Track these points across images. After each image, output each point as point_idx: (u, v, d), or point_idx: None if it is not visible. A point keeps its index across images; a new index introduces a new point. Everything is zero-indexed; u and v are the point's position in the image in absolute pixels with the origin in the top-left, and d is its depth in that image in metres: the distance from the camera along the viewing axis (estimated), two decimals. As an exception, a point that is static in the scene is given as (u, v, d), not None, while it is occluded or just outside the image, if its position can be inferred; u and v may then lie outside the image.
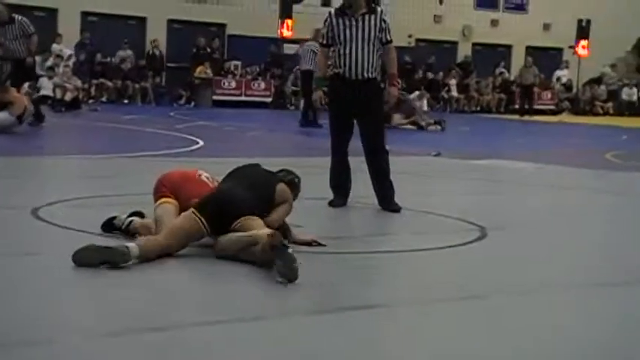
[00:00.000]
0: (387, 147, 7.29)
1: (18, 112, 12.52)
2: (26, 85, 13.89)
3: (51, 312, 3.84)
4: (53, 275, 4.50)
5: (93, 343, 3.44)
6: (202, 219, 4.92)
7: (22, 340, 3.41)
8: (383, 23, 7.08)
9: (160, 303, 4.07)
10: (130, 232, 5.36)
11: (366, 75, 7.05)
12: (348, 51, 7.03)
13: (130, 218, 5.44)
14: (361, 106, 7.07)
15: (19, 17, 13.98)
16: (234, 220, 4.94)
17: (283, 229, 5.23)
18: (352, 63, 7.04)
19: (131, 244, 4.72)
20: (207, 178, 5.61)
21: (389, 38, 7.13)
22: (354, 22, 7.03)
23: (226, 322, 3.78)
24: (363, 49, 7.02)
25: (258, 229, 4.86)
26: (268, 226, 4.99)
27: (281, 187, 5.34)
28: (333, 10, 7.24)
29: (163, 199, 5.45)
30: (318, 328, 3.84)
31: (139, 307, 3.94)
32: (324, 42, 7.23)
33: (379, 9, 7.19)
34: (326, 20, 7.19)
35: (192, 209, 4.99)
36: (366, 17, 7.03)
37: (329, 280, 4.72)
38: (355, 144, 7.28)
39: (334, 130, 7.29)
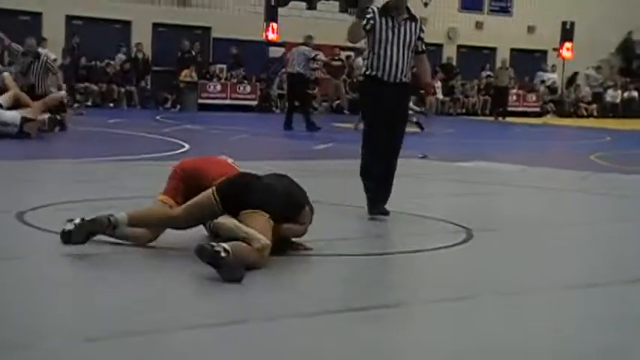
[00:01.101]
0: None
1: (27, 115, 12.48)
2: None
3: (32, 316, 3.80)
4: (35, 279, 4.47)
5: (71, 347, 3.40)
6: (218, 198, 5.04)
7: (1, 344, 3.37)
8: (422, 32, 7.15)
9: (144, 306, 4.04)
10: None
11: (403, 79, 7.09)
12: (389, 53, 7.01)
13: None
14: (394, 108, 7.08)
15: (44, 55, 13.95)
16: (242, 208, 4.97)
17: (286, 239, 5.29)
18: (392, 65, 7.02)
19: (118, 214, 5.02)
20: (234, 162, 5.72)
21: (424, 48, 7.21)
22: (396, 25, 7.04)
23: (211, 326, 3.75)
24: (403, 53, 7.03)
25: (257, 227, 4.84)
26: (278, 231, 5.02)
27: (307, 210, 5.35)
28: (376, 8, 7.13)
29: (163, 197, 5.44)
30: (313, 331, 3.82)
31: (122, 310, 3.91)
32: (365, 24, 6.98)
33: (418, 17, 7.24)
34: (369, 13, 7.07)
35: (213, 187, 5.11)
36: (408, 23, 7.07)
37: (324, 283, 4.71)
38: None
39: (371, 132, 7.11)
